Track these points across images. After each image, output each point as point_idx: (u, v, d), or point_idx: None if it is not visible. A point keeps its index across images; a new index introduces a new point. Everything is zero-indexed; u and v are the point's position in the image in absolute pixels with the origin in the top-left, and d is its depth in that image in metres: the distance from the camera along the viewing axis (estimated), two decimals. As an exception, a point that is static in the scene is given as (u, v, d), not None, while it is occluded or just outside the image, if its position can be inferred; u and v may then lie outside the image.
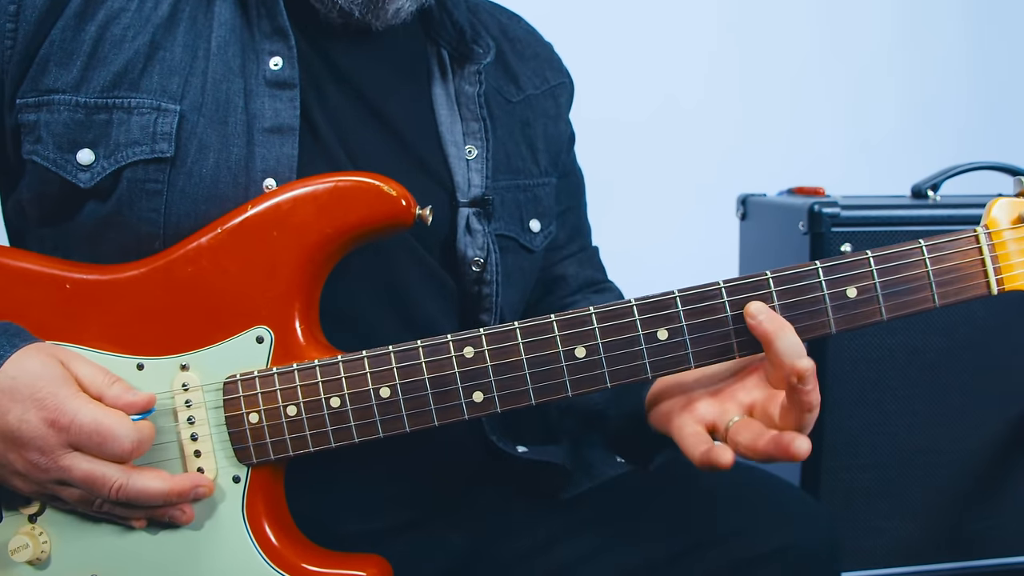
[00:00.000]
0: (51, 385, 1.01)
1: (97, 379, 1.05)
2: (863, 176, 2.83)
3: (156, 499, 1.04)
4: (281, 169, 1.14)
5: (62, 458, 1.00)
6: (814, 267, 1.05)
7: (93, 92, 1.12)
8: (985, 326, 1.91)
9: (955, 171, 2.05)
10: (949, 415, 1.93)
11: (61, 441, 1.00)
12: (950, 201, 1.97)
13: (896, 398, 1.91)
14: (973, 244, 1.06)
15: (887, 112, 3.08)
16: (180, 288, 1.10)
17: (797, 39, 3.01)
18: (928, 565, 1.96)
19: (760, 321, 1.01)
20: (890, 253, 1.05)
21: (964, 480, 1.95)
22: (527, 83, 1.40)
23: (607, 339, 1.06)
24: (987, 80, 3.14)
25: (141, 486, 1.02)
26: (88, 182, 1.12)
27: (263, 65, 1.17)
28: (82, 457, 1.01)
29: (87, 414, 1.00)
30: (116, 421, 1.01)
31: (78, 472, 1.01)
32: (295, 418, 1.08)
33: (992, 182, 2.10)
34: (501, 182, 1.32)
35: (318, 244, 1.10)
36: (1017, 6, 3.14)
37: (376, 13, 1.22)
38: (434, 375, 1.07)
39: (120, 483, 1.01)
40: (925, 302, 1.05)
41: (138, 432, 1.02)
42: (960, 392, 1.93)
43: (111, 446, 1.01)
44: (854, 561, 1.93)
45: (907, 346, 1.90)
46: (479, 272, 1.27)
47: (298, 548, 1.11)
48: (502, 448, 1.29)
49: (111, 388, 1.04)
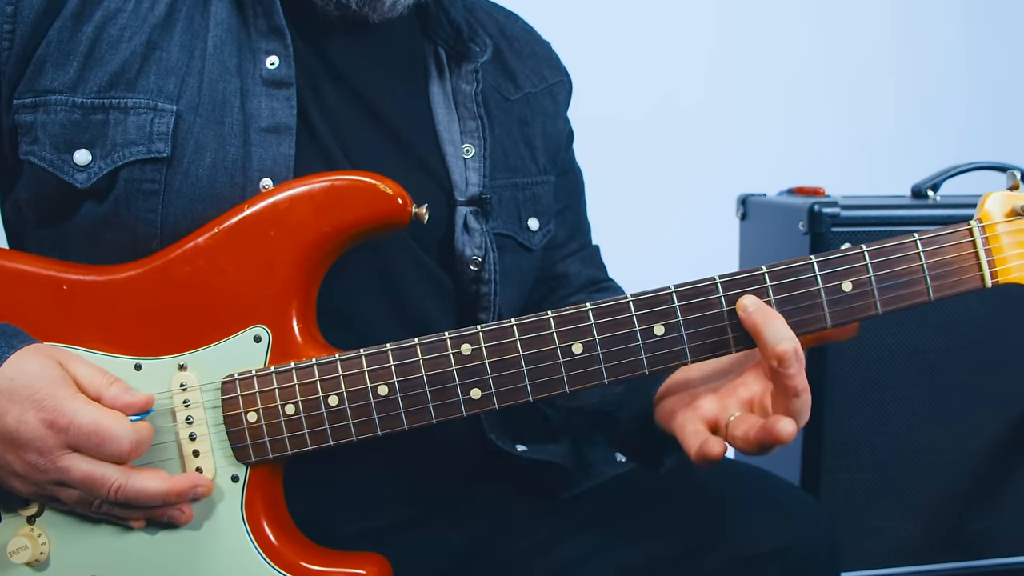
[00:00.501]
0: (49, 386, 1.01)
1: (96, 380, 1.05)
2: (863, 176, 2.83)
3: (155, 499, 1.04)
4: (278, 169, 1.14)
5: (60, 459, 1.00)
6: (809, 261, 1.05)
7: (90, 92, 1.12)
8: (985, 325, 1.91)
9: (955, 171, 2.05)
10: (949, 415, 1.93)
11: (60, 442, 1.00)
12: (950, 201, 1.97)
13: (896, 398, 1.91)
14: (967, 237, 1.06)
15: (887, 112, 3.08)
16: (177, 288, 1.10)
17: (797, 39, 3.01)
18: (928, 565, 1.96)
19: (750, 313, 1.02)
20: (884, 247, 1.06)
21: (964, 480, 1.95)
22: (525, 81, 1.40)
23: (604, 335, 1.06)
24: (987, 80, 3.14)
25: (140, 486, 1.02)
26: (85, 182, 1.12)
27: (259, 64, 1.17)
28: (81, 458, 1.01)
29: (86, 415, 1.00)
30: (115, 422, 1.01)
31: (77, 473, 1.01)
32: (293, 417, 1.08)
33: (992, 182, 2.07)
34: (499, 181, 1.32)
35: (315, 243, 1.10)
36: (1017, 6, 3.14)
37: (373, 5, 1.21)
38: (432, 373, 1.07)
39: (119, 484, 1.01)
40: (920, 295, 1.06)
41: (136, 433, 1.02)
42: (960, 392, 1.93)
43: (110, 447, 1.00)
44: (854, 561, 1.93)
45: (907, 346, 1.90)
46: (477, 271, 1.26)
47: (297, 547, 1.11)
48: (501, 447, 1.29)
49: (109, 388, 1.04)
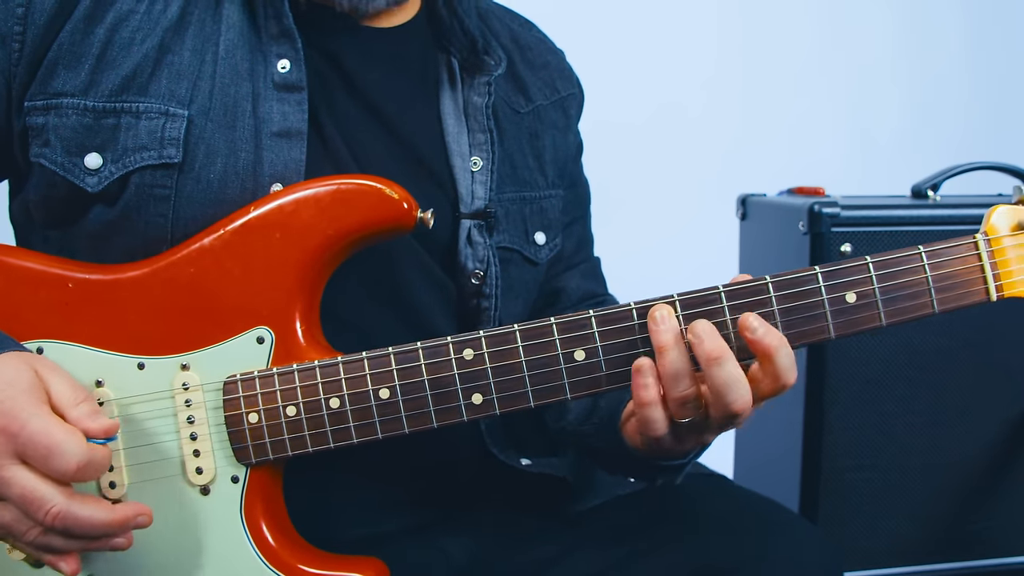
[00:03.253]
0: (13, 390, 0.96)
1: (66, 396, 1.00)
2: (863, 176, 2.83)
3: (97, 529, 0.98)
4: (289, 173, 1.14)
5: (4, 468, 0.95)
6: (813, 272, 1.05)
7: (101, 96, 1.11)
8: (985, 326, 1.91)
9: (955, 171, 2.05)
10: (949, 415, 1.93)
11: (8, 449, 0.95)
12: (950, 201, 1.97)
13: (896, 398, 1.91)
14: (972, 251, 1.06)
15: (887, 112, 3.08)
16: (182, 288, 1.10)
17: (797, 39, 3.01)
18: (928, 565, 1.96)
19: (760, 336, 1.01)
20: (889, 259, 1.05)
21: (964, 480, 1.95)
22: (536, 93, 1.38)
23: (606, 342, 1.05)
24: (987, 80, 3.14)
25: (83, 515, 0.96)
26: (96, 186, 1.12)
27: (271, 68, 1.16)
28: (25, 473, 0.95)
29: (38, 423, 0.94)
30: (66, 436, 0.95)
31: (16, 488, 0.95)
32: (294, 418, 1.08)
33: (992, 182, 2.10)
34: (507, 194, 1.31)
35: (320, 246, 1.10)
36: (1017, 6, 3.14)
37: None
38: (433, 376, 1.07)
39: (59, 509, 0.95)
40: (924, 308, 1.05)
41: (89, 453, 0.96)
42: (960, 392, 1.93)
43: (56, 461, 0.94)
44: (854, 561, 1.93)
45: (907, 346, 1.90)
46: (478, 285, 1.26)
47: (295, 549, 1.11)
48: (504, 460, 1.28)
49: (76, 408, 0.99)
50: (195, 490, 1.10)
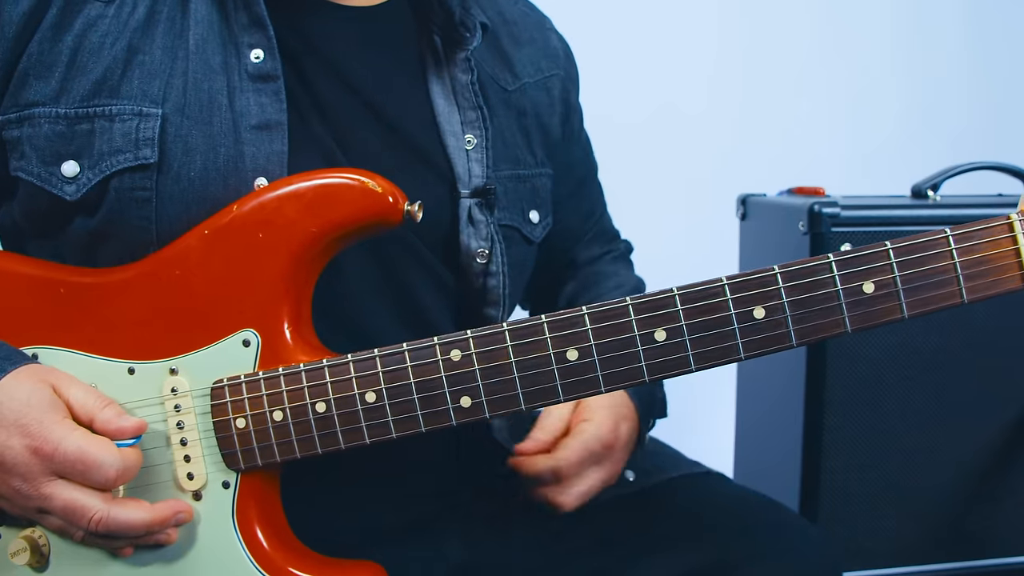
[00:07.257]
0: (37, 411, 1.00)
1: (88, 403, 1.03)
2: (863, 176, 2.81)
3: (138, 530, 1.02)
4: (271, 167, 1.12)
5: (44, 486, 0.99)
6: (827, 260, 0.97)
7: (73, 102, 1.10)
8: (985, 326, 1.90)
9: (955, 171, 2.04)
10: (949, 415, 1.92)
11: (44, 469, 0.99)
12: (950, 201, 1.96)
13: (896, 398, 1.90)
14: (1007, 232, 0.95)
15: (887, 112, 3.06)
16: (169, 291, 1.09)
17: (797, 39, 3.00)
18: (928, 565, 1.96)
19: None
20: (912, 244, 0.96)
21: (964, 480, 1.94)
22: (522, 71, 1.36)
23: (601, 340, 1.00)
24: (987, 80, 3.13)
25: (123, 518, 1.01)
26: (74, 194, 1.10)
27: (244, 59, 1.14)
28: (65, 486, 1.00)
29: (71, 442, 0.99)
30: (101, 449, 0.99)
31: (58, 501, 0.99)
32: (281, 423, 1.07)
33: (992, 182, 2.09)
34: (502, 172, 1.28)
35: (304, 244, 1.07)
36: (1017, 6, 3.12)
37: None
38: (420, 379, 1.04)
39: (100, 515, 1.00)
40: (951, 297, 0.95)
41: (123, 460, 1.00)
42: (960, 392, 1.92)
43: (95, 474, 0.99)
44: (854, 561, 1.92)
45: (907, 346, 1.89)
46: (484, 264, 1.23)
47: (291, 554, 1.10)
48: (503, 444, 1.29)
49: (102, 412, 1.03)
50: (187, 496, 1.09)
